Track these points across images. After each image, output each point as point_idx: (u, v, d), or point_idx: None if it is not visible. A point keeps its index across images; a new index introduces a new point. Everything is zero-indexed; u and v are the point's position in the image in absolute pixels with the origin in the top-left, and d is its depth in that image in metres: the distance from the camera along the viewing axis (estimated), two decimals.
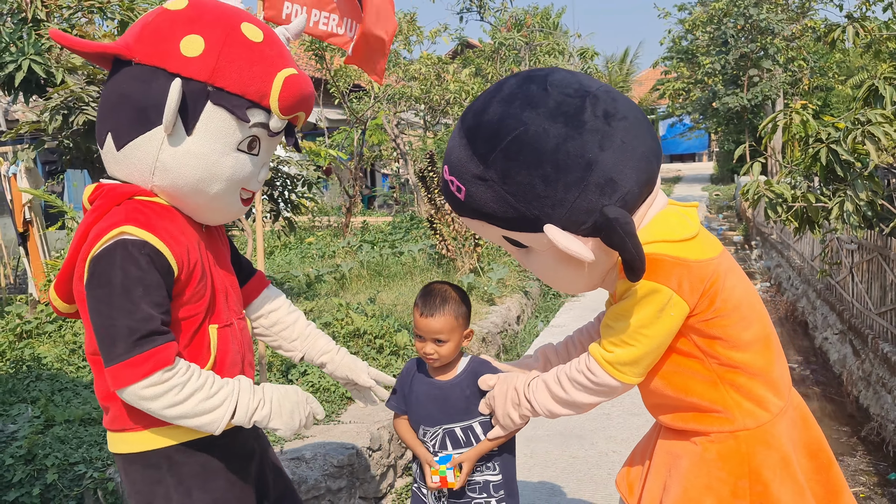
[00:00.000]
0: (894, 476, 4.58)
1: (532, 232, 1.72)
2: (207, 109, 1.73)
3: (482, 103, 1.77)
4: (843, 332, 6.68)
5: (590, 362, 1.82)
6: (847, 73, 20.97)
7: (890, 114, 4.54)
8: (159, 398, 1.66)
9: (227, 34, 1.74)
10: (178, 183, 1.76)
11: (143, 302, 1.65)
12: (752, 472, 1.78)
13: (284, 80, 1.76)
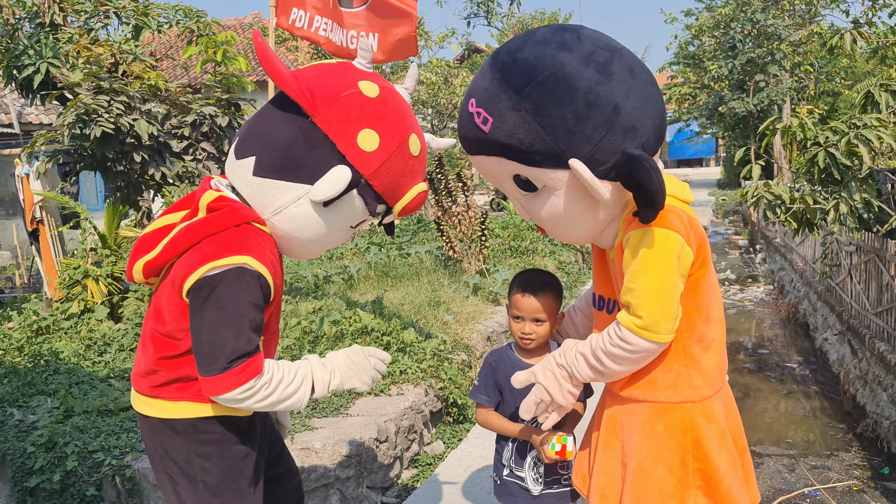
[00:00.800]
0: (887, 471, 4.71)
1: (553, 168, 1.79)
2: (351, 195, 1.94)
3: (516, 44, 1.85)
4: (842, 332, 6.78)
5: (622, 332, 1.83)
6: (854, 79, 21.02)
7: (885, 118, 4.66)
8: (251, 398, 1.87)
9: (399, 145, 1.94)
10: (294, 234, 1.97)
11: (250, 328, 1.85)
12: (694, 442, 1.91)
13: (417, 194, 2.02)
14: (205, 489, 2.00)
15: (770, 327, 9.07)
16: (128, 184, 5.66)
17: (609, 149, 1.74)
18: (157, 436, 2.04)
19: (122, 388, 4.88)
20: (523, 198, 1.94)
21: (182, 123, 5.61)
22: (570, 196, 1.82)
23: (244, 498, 2.04)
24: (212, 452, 2.00)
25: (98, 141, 5.16)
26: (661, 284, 1.79)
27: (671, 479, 1.91)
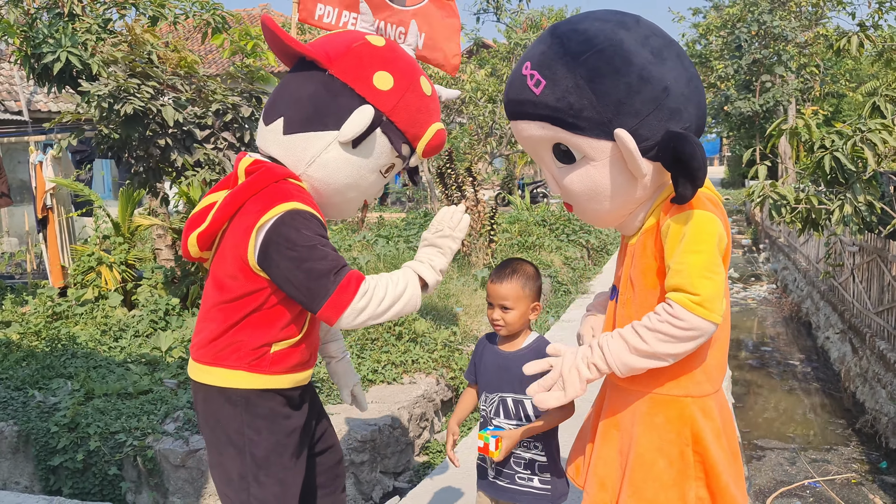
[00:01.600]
0: (885, 465, 4.83)
1: (596, 137, 1.80)
2: (376, 134, 2.07)
3: (577, 19, 1.89)
4: (844, 331, 6.90)
5: (674, 309, 1.74)
6: (858, 81, 21.12)
7: (889, 122, 4.77)
8: (370, 303, 1.96)
9: (412, 82, 2.10)
10: (328, 180, 2.08)
11: (328, 248, 1.97)
12: (694, 435, 1.90)
13: (436, 131, 2.15)
14: (251, 460, 2.09)
15: (773, 325, 9.19)
16: (148, 169, 5.76)
17: (654, 126, 1.77)
18: (211, 405, 2.13)
19: (139, 372, 5.00)
20: (558, 170, 1.94)
21: (206, 112, 5.71)
22: (608, 168, 1.84)
23: (287, 472, 2.13)
24: (262, 426, 2.09)
25: (124, 121, 5.25)
26: (709, 262, 1.75)
27: (670, 471, 1.91)
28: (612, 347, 1.83)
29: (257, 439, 2.08)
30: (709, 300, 1.72)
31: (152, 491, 4.06)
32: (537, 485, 2.35)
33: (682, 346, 1.76)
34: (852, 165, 4.73)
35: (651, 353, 1.78)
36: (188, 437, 4.09)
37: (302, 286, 1.94)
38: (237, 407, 2.08)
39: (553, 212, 12.19)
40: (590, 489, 2.03)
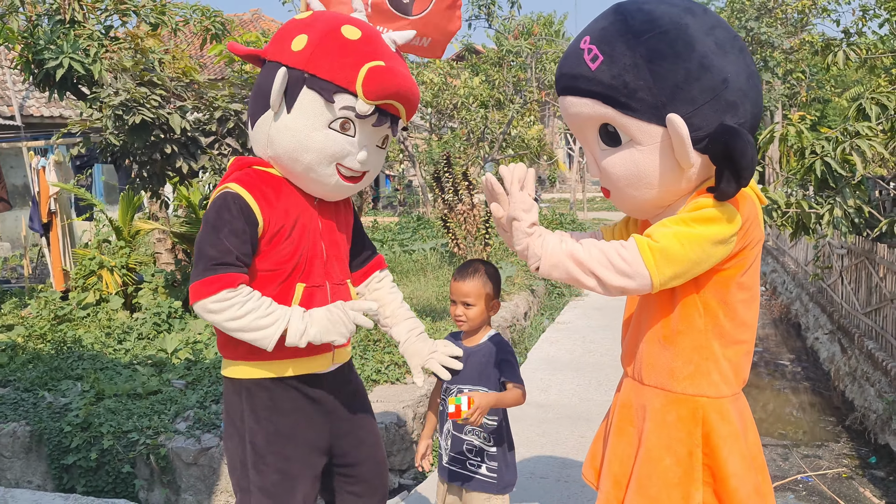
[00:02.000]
0: (874, 460, 5.00)
1: (647, 121, 1.75)
2: (303, 92, 2.06)
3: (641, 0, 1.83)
4: (833, 331, 7.07)
5: (627, 244, 1.75)
6: (843, 86, 21.44)
7: (874, 127, 4.93)
8: (222, 312, 2.00)
9: (327, 32, 2.07)
10: (278, 152, 2.13)
11: (227, 239, 2.03)
12: (704, 436, 1.86)
13: (369, 69, 2.03)
14: (251, 448, 2.19)
15: (763, 327, 9.36)
16: (152, 174, 5.86)
17: (708, 116, 1.72)
18: (225, 395, 2.28)
19: (147, 373, 5.09)
20: (601, 152, 1.89)
21: (209, 119, 5.82)
22: (654, 155, 1.78)
23: (288, 463, 2.20)
24: (262, 416, 2.18)
25: (131, 129, 5.35)
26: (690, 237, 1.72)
27: (677, 470, 1.87)
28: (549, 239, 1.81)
29: (256, 428, 2.18)
30: (663, 256, 1.71)
31: (165, 488, 4.15)
32: (484, 472, 2.48)
33: (609, 277, 1.73)
34: (841, 169, 4.88)
35: (578, 262, 1.76)
36: (199, 435, 4.19)
37: (194, 256, 2.07)
38: (240, 396, 2.20)
39: (545, 216, 12.33)
40: (604, 486, 2.04)
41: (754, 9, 17.94)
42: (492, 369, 2.47)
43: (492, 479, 2.48)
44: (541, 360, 6.17)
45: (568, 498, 3.65)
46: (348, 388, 2.38)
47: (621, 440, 2.02)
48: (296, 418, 2.22)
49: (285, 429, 2.20)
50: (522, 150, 15.72)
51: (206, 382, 4.92)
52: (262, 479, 2.20)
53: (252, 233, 2.08)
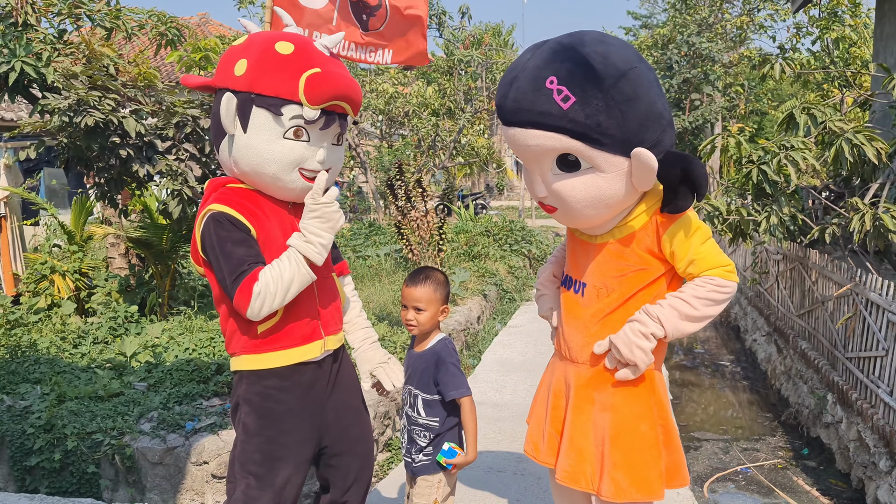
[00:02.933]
0: (807, 451, 5.34)
1: (614, 154, 1.98)
2: (254, 111, 2.24)
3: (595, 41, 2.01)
4: (769, 333, 7.44)
5: (716, 280, 2.10)
6: (779, 99, 22.29)
7: (808, 141, 5.28)
8: (265, 301, 2.18)
9: (262, 52, 2.23)
10: (244, 169, 2.30)
11: (233, 252, 2.21)
12: (657, 403, 2.24)
13: (307, 78, 2.20)
14: (242, 430, 2.39)
15: (704, 330, 9.75)
16: (109, 180, 5.87)
17: (661, 146, 2.01)
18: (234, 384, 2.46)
19: (107, 376, 5.11)
20: (554, 176, 2.08)
21: (167, 124, 5.86)
22: (616, 181, 2.01)
23: (273, 445, 2.37)
24: (255, 402, 2.36)
25: (85, 133, 5.36)
26: (716, 245, 2.14)
27: (652, 433, 2.21)
28: (666, 316, 2.13)
29: (248, 411, 2.37)
30: (733, 267, 2.13)
31: (130, 488, 4.20)
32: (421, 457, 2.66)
33: (719, 307, 2.14)
34: (778, 178, 5.21)
35: (699, 317, 2.13)
36: (165, 435, 4.25)
37: (220, 280, 2.25)
38: (240, 384, 2.40)
39: (496, 223, 12.57)
40: (568, 461, 2.27)
41: (696, 24, 18.56)
42: (432, 375, 2.61)
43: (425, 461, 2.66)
44: (494, 361, 6.36)
45: (525, 490, 3.83)
46: (339, 378, 2.52)
47: (580, 417, 2.27)
48: (286, 406, 2.38)
49: (274, 414, 2.37)
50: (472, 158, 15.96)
51: (167, 385, 4.98)
52: (245, 456, 2.38)
53: (251, 238, 2.26)
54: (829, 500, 4.62)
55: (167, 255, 7.08)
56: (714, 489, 4.79)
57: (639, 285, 2.18)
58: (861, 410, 4.72)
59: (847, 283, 5.09)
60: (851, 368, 5.01)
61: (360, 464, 2.58)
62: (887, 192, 5.15)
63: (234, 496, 2.42)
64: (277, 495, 2.39)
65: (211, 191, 2.37)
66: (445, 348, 2.64)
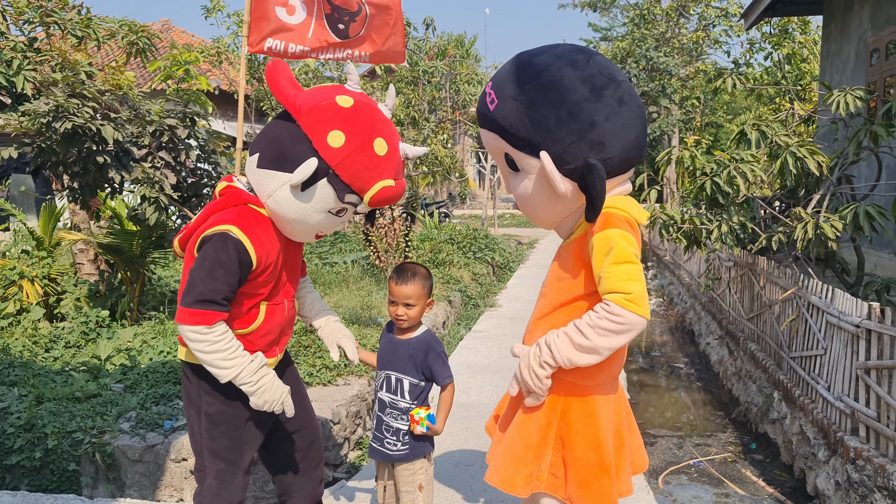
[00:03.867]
0: (755, 446, 5.68)
1: (529, 155, 2.12)
2: (322, 182, 2.39)
3: (538, 50, 2.18)
4: (722, 336, 7.79)
5: (611, 307, 2.01)
6: (734, 112, 22.99)
7: (757, 155, 5.62)
8: (195, 343, 2.34)
9: (362, 143, 2.36)
10: (279, 213, 2.46)
11: (219, 280, 2.35)
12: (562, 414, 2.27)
13: (382, 188, 2.39)
14: (206, 419, 2.54)
15: (660, 334, 10.10)
16: (84, 185, 5.98)
17: (575, 153, 2.07)
18: (183, 376, 2.62)
19: (83, 378, 5.22)
20: (509, 175, 2.28)
21: (143, 132, 5.99)
22: (537, 182, 2.16)
23: (238, 431, 2.56)
24: (214, 392, 2.52)
25: (64, 138, 5.46)
26: (633, 270, 2.03)
27: (536, 435, 2.27)
28: (559, 346, 2.12)
29: (210, 400, 2.53)
30: (639, 297, 2.00)
31: (110, 485, 4.33)
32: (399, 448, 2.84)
33: (617, 339, 2.03)
34: (729, 189, 5.54)
35: (591, 348, 2.05)
36: (144, 434, 4.40)
37: (187, 282, 2.38)
38: (197, 375, 2.55)
39: (459, 230, 12.82)
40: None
41: (653, 38, 19.10)
42: (420, 361, 2.81)
43: (404, 451, 2.85)
44: (461, 364, 6.58)
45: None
46: (287, 368, 2.82)
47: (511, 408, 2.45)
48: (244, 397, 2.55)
49: (235, 400, 2.54)
50: (436, 167, 16.20)
51: (144, 386, 5.11)
52: (214, 444, 2.55)
53: (243, 274, 2.41)
54: (773, 489, 4.94)
55: (137, 260, 7.17)
56: (668, 481, 5.08)
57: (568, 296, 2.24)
58: (803, 406, 5.05)
59: (791, 288, 5.43)
60: (795, 367, 5.35)
61: (309, 440, 2.85)
62: (827, 202, 5.51)
63: (206, 483, 2.59)
64: (245, 475, 2.62)
65: (230, 202, 2.47)
66: (434, 338, 2.85)
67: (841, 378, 4.48)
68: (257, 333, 2.54)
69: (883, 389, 3.97)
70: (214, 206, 2.49)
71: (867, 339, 4.14)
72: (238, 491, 2.59)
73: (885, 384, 3.99)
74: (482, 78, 15.70)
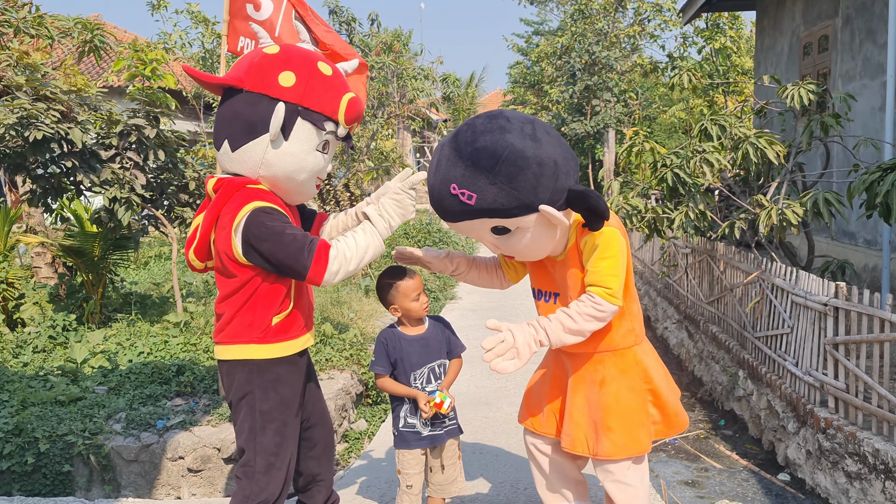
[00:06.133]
0: (723, 422, 5.97)
1: (526, 215, 2.35)
2: (298, 122, 2.49)
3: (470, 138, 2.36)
4: (680, 321, 8.11)
5: (595, 299, 2.43)
6: (668, 104, 23.62)
7: (718, 146, 5.90)
8: (342, 265, 2.41)
9: (310, 70, 2.51)
10: (278, 174, 2.52)
11: (293, 231, 2.41)
12: (643, 371, 2.64)
13: (349, 100, 2.54)
14: (259, 415, 2.60)
15: None
16: (49, 188, 5.87)
17: (560, 190, 2.36)
18: (231, 376, 2.63)
19: (62, 382, 5.15)
20: (497, 239, 2.50)
21: (108, 133, 5.91)
22: (539, 230, 2.42)
23: (286, 427, 2.64)
24: (269, 388, 2.59)
25: (32, 145, 5.36)
26: (615, 265, 2.44)
27: (638, 399, 2.63)
28: (552, 328, 2.47)
29: (264, 397, 2.59)
30: (616, 292, 2.43)
31: (105, 485, 4.32)
32: (455, 422, 3.07)
33: (598, 323, 2.46)
34: (691, 180, 5.80)
35: (578, 331, 2.46)
36: (138, 434, 4.39)
37: (286, 265, 2.41)
38: (251, 373, 2.59)
39: (413, 225, 12.92)
40: (567, 430, 2.72)
41: (593, 34, 19.52)
42: (444, 341, 3.01)
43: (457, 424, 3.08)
44: None
45: (486, 466, 4.19)
46: (311, 362, 2.90)
47: (576, 395, 2.70)
48: (293, 388, 2.66)
49: (286, 397, 2.62)
50: (382, 162, 16.24)
51: (129, 387, 5.08)
52: (265, 440, 2.62)
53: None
54: (746, 461, 5.23)
55: (98, 263, 7.06)
56: (649, 459, 5.31)
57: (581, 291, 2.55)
58: (770, 382, 5.34)
59: (754, 272, 5.73)
60: (761, 346, 5.65)
61: (327, 431, 2.95)
62: (785, 189, 5.82)
63: (255, 478, 2.64)
64: (289, 470, 2.70)
65: (233, 188, 2.52)
66: (442, 319, 3.08)
67: (808, 354, 4.77)
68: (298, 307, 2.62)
69: (851, 363, 4.27)
70: (219, 203, 2.52)
71: (835, 316, 4.43)
72: (285, 484, 2.67)
73: (853, 358, 4.28)
74: (427, 72, 15.76)
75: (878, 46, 7.47)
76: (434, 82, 15.85)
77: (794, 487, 4.77)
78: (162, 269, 10.54)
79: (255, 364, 2.59)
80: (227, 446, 4.31)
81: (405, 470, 3.06)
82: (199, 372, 5.26)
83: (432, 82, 15.80)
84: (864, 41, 7.85)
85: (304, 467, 2.98)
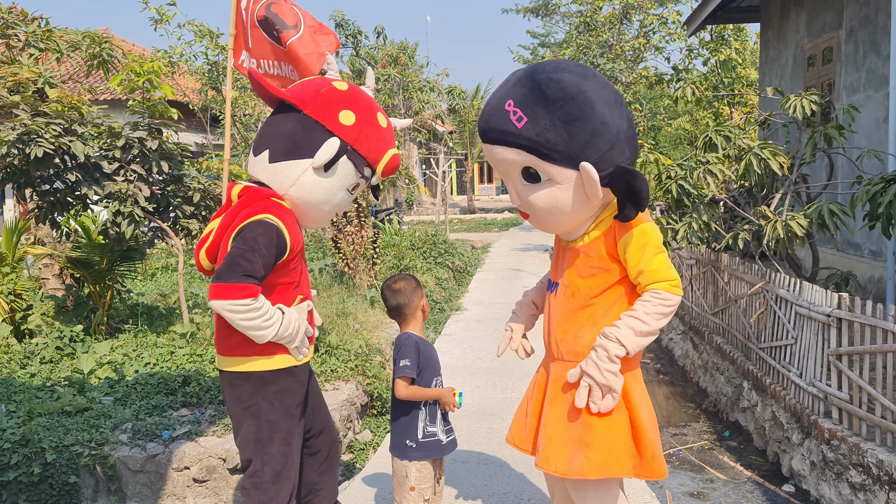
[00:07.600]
0: (728, 433, 5.96)
1: (564, 167, 2.24)
2: (343, 160, 2.62)
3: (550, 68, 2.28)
4: (685, 332, 8.11)
5: (661, 295, 2.30)
6: (673, 115, 23.67)
7: (722, 156, 5.92)
8: (239, 314, 2.42)
9: (370, 117, 2.66)
10: (306, 198, 2.62)
11: (259, 261, 2.45)
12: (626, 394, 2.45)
13: (391, 156, 2.72)
14: (266, 425, 2.65)
15: None
16: (54, 202, 5.92)
17: (609, 161, 2.23)
18: (234, 387, 2.67)
19: (69, 392, 5.18)
20: (523, 187, 2.37)
21: (112, 146, 5.96)
22: (569, 191, 2.27)
23: (291, 436, 2.71)
24: (274, 398, 2.64)
25: (35, 161, 5.41)
26: (666, 259, 2.34)
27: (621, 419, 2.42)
28: (624, 335, 2.30)
29: (269, 408, 2.64)
30: (678, 282, 2.34)
31: (112, 496, 4.34)
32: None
33: (667, 319, 2.35)
34: (695, 191, 5.82)
35: (651, 332, 2.32)
36: (144, 444, 4.42)
37: (225, 263, 2.46)
38: (255, 385, 2.64)
39: (419, 236, 12.95)
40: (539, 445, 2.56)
41: (598, 46, 19.60)
42: None
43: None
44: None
45: (489, 477, 4.20)
46: (312, 371, 2.98)
47: (554, 408, 2.53)
48: (297, 398, 2.72)
49: (291, 408, 2.68)
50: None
51: (135, 398, 5.11)
52: (273, 449, 2.67)
53: (278, 258, 2.53)
54: (751, 472, 5.23)
55: (105, 274, 7.11)
56: None
57: (603, 286, 2.41)
58: (774, 393, 5.34)
59: (759, 283, 5.73)
60: (765, 357, 5.65)
61: (331, 440, 3.01)
62: (789, 200, 5.84)
63: (263, 487, 2.67)
64: (295, 479, 2.75)
65: (255, 198, 2.59)
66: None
67: (812, 365, 4.77)
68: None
69: (855, 373, 4.27)
70: (239, 208, 2.59)
71: (838, 327, 4.44)
72: (292, 491, 2.72)
73: (856, 368, 4.29)
74: (433, 84, 15.86)
75: (882, 58, 7.49)
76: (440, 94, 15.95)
77: (799, 498, 4.76)
78: (169, 280, 10.59)
79: (259, 376, 2.64)
80: (232, 457, 4.33)
81: (420, 485, 2.92)
82: (204, 383, 5.29)
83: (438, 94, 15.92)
84: (868, 53, 7.87)
85: (305, 476, 3.02)
